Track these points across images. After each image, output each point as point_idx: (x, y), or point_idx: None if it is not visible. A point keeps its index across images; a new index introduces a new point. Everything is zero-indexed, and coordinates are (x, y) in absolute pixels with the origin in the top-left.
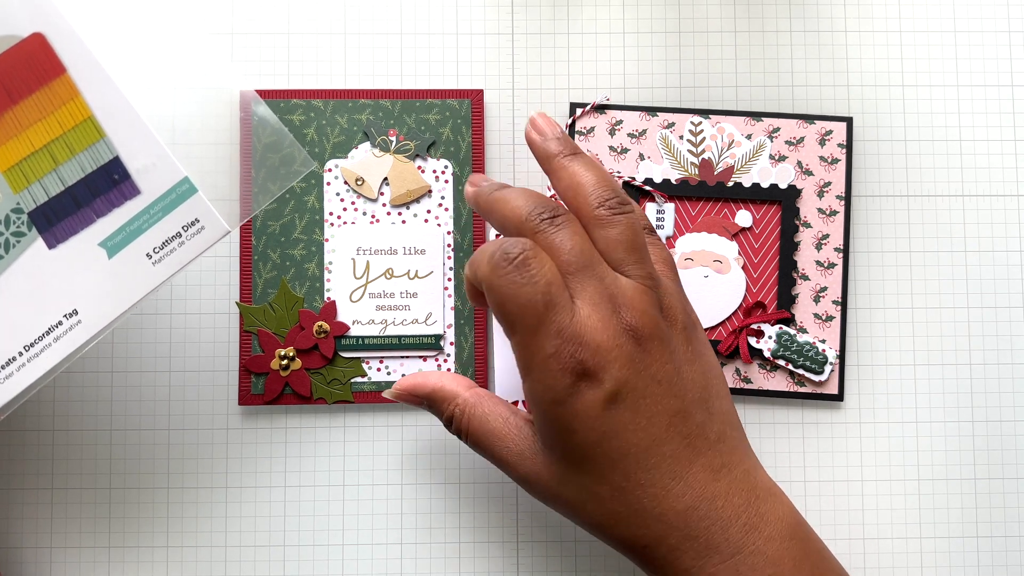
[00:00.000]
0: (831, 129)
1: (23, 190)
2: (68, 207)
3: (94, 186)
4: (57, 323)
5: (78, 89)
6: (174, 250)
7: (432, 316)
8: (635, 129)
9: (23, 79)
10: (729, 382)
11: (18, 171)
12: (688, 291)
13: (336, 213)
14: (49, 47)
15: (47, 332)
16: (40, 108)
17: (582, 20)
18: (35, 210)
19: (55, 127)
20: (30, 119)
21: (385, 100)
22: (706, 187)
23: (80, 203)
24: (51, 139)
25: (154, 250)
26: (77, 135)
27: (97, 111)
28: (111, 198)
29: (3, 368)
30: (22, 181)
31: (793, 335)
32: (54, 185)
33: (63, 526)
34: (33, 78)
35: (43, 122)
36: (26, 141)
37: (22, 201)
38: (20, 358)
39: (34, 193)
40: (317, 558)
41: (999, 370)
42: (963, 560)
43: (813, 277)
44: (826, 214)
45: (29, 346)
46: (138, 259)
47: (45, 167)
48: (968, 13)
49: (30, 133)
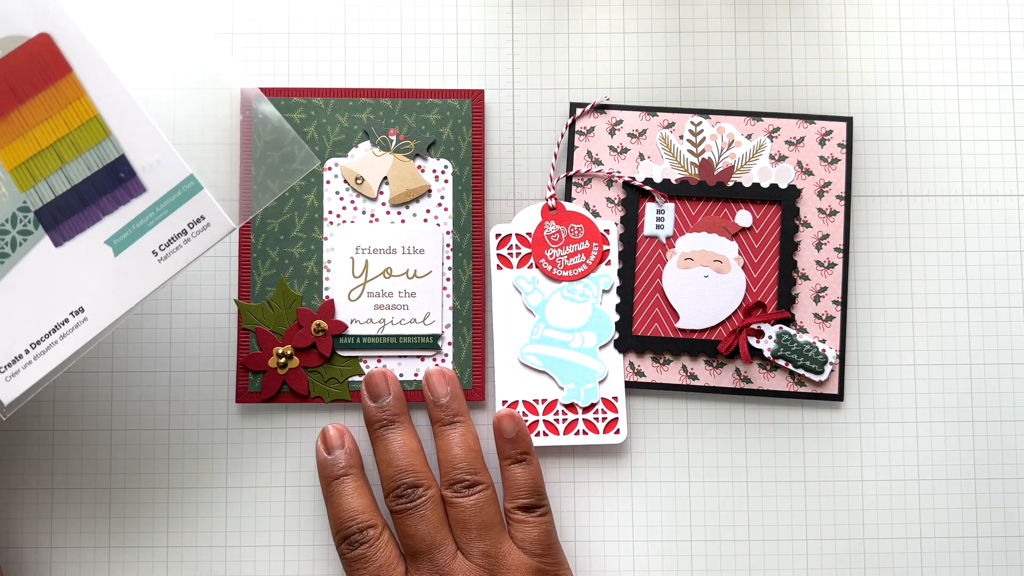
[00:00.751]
0: (831, 129)
1: (30, 189)
2: (74, 205)
3: (100, 184)
4: (63, 320)
5: (84, 88)
6: (180, 247)
7: (430, 316)
8: (635, 129)
9: (29, 79)
10: (729, 382)
11: (24, 170)
12: (688, 291)
13: (335, 212)
14: (55, 47)
15: (53, 330)
16: (46, 107)
17: (582, 20)
18: (42, 208)
19: (61, 126)
20: (37, 118)
21: (386, 99)
22: (706, 187)
23: (86, 201)
24: (57, 138)
25: (160, 247)
26: (83, 134)
27: (103, 110)
28: (117, 196)
29: (10, 366)
30: (28, 180)
31: (793, 335)
32: (60, 183)
33: (63, 526)
34: (39, 78)
35: (49, 121)
36: (32, 140)
37: (29, 200)
38: (26, 356)
39: (40, 192)
40: (317, 558)
41: (999, 370)
42: (963, 560)
43: (813, 277)
44: (826, 214)
45: (35, 344)
46: (144, 256)
47: (51, 166)
48: (968, 13)
49: (36, 132)
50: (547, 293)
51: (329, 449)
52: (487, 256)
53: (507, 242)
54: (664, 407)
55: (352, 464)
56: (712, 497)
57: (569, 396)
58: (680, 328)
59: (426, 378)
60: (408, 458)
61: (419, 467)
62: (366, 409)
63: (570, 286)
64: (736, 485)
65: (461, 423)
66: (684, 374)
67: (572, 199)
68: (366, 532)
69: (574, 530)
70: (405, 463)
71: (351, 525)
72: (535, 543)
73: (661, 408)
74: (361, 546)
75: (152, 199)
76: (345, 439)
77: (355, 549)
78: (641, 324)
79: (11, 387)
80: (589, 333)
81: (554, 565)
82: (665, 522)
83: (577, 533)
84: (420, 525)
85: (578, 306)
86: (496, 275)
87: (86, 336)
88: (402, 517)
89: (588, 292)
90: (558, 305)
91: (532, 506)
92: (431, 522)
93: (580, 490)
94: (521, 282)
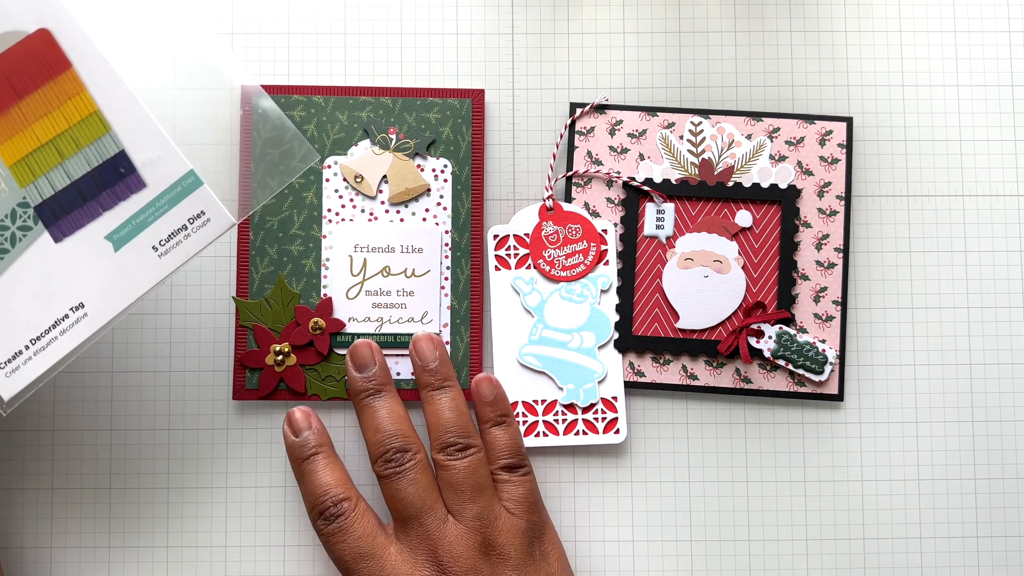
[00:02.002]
0: (831, 129)
1: (29, 184)
2: (74, 200)
3: (100, 180)
4: (63, 316)
5: (84, 84)
6: (180, 242)
7: (428, 315)
8: (635, 129)
9: (28, 74)
10: (729, 382)
11: (24, 165)
12: (688, 291)
13: (334, 210)
14: (55, 42)
15: (53, 325)
16: (46, 103)
17: (582, 20)
18: (41, 204)
19: (61, 121)
20: (36, 114)
21: (386, 98)
22: (706, 187)
23: (86, 197)
24: (57, 133)
25: (160, 243)
26: (83, 129)
27: (103, 105)
28: (117, 191)
29: (10, 362)
30: (28, 175)
31: (793, 335)
32: (60, 179)
33: (63, 526)
34: (39, 73)
35: (49, 117)
36: (32, 136)
37: (28, 195)
38: (26, 352)
39: (40, 187)
40: (317, 558)
41: (999, 370)
42: (963, 560)
43: (813, 277)
44: (826, 214)
45: (35, 339)
46: (144, 252)
47: (51, 161)
48: (968, 13)
49: (36, 128)
50: (545, 293)
51: (296, 431)
52: (485, 257)
53: (505, 243)
54: (664, 407)
55: (322, 443)
56: (712, 497)
57: (568, 396)
58: (680, 328)
59: (414, 343)
60: (396, 424)
61: (407, 432)
62: (351, 380)
63: (568, 286)
64: (736, 485)
65: (450, 387)
66: (684, 374)
67: (572, 199)
68: (341, 505)
69: (574, 530)
70: (393, 428)
71: (324, 499)
72: (520, 502)
73: (661, 408)
74: (337, 519)
75: (152, 194)
76: (312, 420)
77: (331, 523)
78: (641, 324)
79: (11, 383)
80: (588, 333)
81: (540, 523)
82: (665, 522)
83: (577, 533)
84: (410, 489)
85: (576, 306)
86: (494, 276)
87: (86, 332)
88: (391, 482)
89: (586, 292)
90: (556, 305)
91: (515, 465)
92: (421, 485)
93: (580, 490)
94: (519, 283)
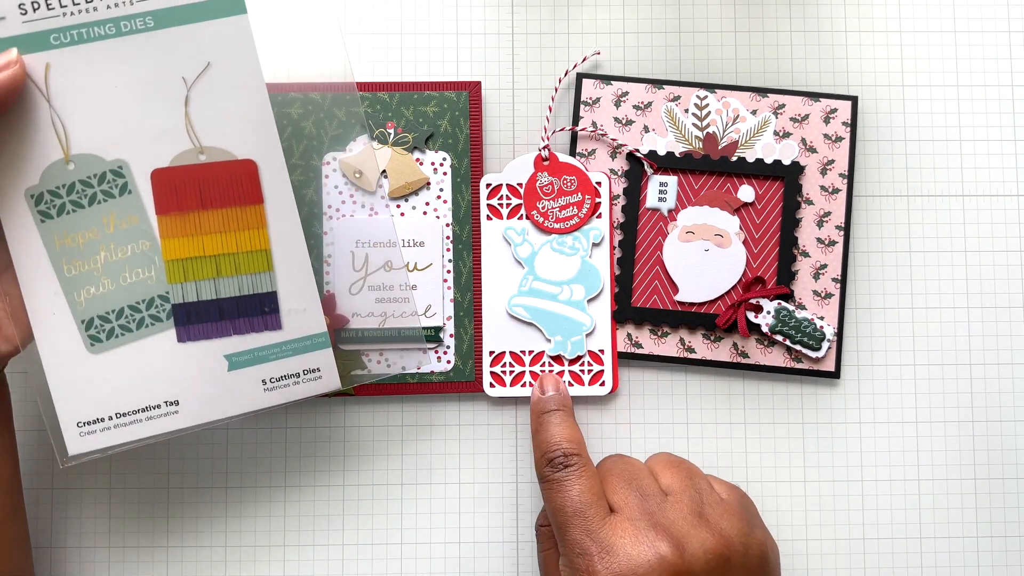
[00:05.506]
0: (836, 107)
1: (177, 283)
2: (212, 314)
3: (243, 307)
4: (156, 405)
5: (267, 222)
6: (288, 386)
7: (431, 308)
8: (640, 101)
9: (221, 192)
10: (726, 356)
11: (179, 266)
12: (688, 264)
13: (335, 206)
14: (257, 177)
15: (143, 409)
16: (224, 223)
17: (582, 20)
18: (180, 305)
19: (231, 244)
20: (211, 228)
21: (383, 93)
22: (710, 161)
23: (224, 315)
24: (223, 252)
25: (271, 379)
26: (248, 259)
27: (276, 247)
28: (254, 323)
29: (89, 424)
30: (180, 275)
31: (792, 311)
32: (208, 291)
33: (63, 526)
34: (231, 196)
35: (222, 235)
36: (198, 244)
37: (172, 293)
38: (108, 421)
39: (186, 290)
40: (317, 558)
41: (999, 370)
42: (963, 560)
43: (813, 254)
44: (828, 192)
45: (122, 415)
46: (254, 381)
47: (206, 272)
48: (968, 13)
49: (205, 240)
50: (537, 245)
51: (543, 390)
52: (480, 207)
53: (497, 192)
54: (663, 379)
55: (564, 404)
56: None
57: (556, 348)
58: (679, 301)
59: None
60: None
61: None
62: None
63: (560, 238)
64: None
65: None
66: (682, 347)
67: None
68: (571, 457)
69: None
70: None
71: (556, 449)
72: None
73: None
74: (565, 468)
75: (283, 338)
76: (560, 385)
77: (558, 471)
78: (640, 296)
79: (82, 443)
80: (577, 286)
81: None
82: None
83: None
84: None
85: (567, 259)
86: (486, 225)
87: (170, 426)
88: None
89: (578, 245)
90: (547, 257)
91: None
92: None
93: None
94: (511, 233)
